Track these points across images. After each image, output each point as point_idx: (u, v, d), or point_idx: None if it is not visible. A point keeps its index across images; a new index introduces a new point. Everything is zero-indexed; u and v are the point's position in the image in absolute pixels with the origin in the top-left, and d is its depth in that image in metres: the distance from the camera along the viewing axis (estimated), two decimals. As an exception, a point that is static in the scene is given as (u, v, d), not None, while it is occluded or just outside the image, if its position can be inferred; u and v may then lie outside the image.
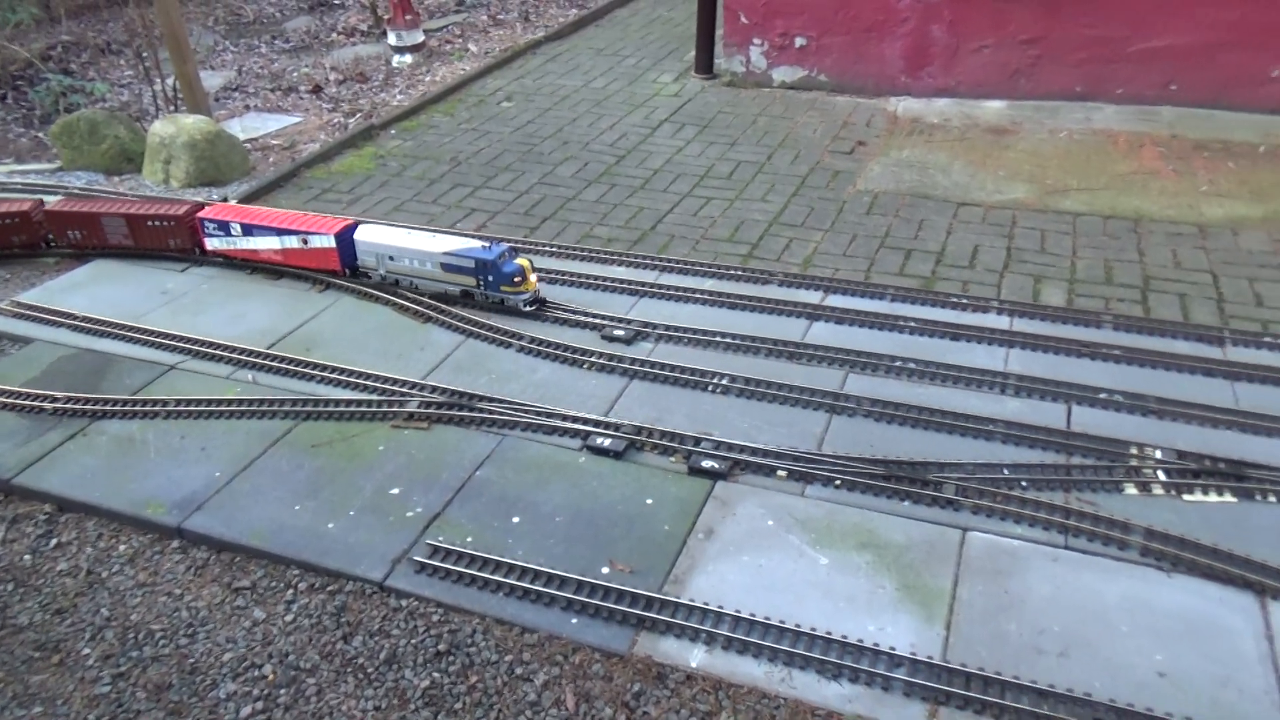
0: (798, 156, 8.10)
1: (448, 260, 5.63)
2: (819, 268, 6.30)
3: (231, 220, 6.24)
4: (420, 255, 5.71)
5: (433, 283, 5.77)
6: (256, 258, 6.27)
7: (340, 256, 6.00)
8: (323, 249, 6.00)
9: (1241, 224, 6.60)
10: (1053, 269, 6.15)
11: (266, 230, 6.12)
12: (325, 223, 6.04)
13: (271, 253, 6.19)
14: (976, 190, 7.31)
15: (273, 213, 6.30)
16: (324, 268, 6.10)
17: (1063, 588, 3.59)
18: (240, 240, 6.24)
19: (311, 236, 5.99)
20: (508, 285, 5.55)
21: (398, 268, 5.83)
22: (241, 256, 6.34)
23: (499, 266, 5.53)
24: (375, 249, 5.87)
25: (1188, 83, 8.30)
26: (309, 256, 6.08)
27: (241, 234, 6.22)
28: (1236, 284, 5.87)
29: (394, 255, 5.81)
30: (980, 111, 8.73)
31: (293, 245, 6.08)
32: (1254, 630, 3.38)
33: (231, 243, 6.29)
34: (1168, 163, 7.55)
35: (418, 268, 5.75)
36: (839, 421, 4.59)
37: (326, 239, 5.95)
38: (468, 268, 5.59)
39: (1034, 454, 4.29)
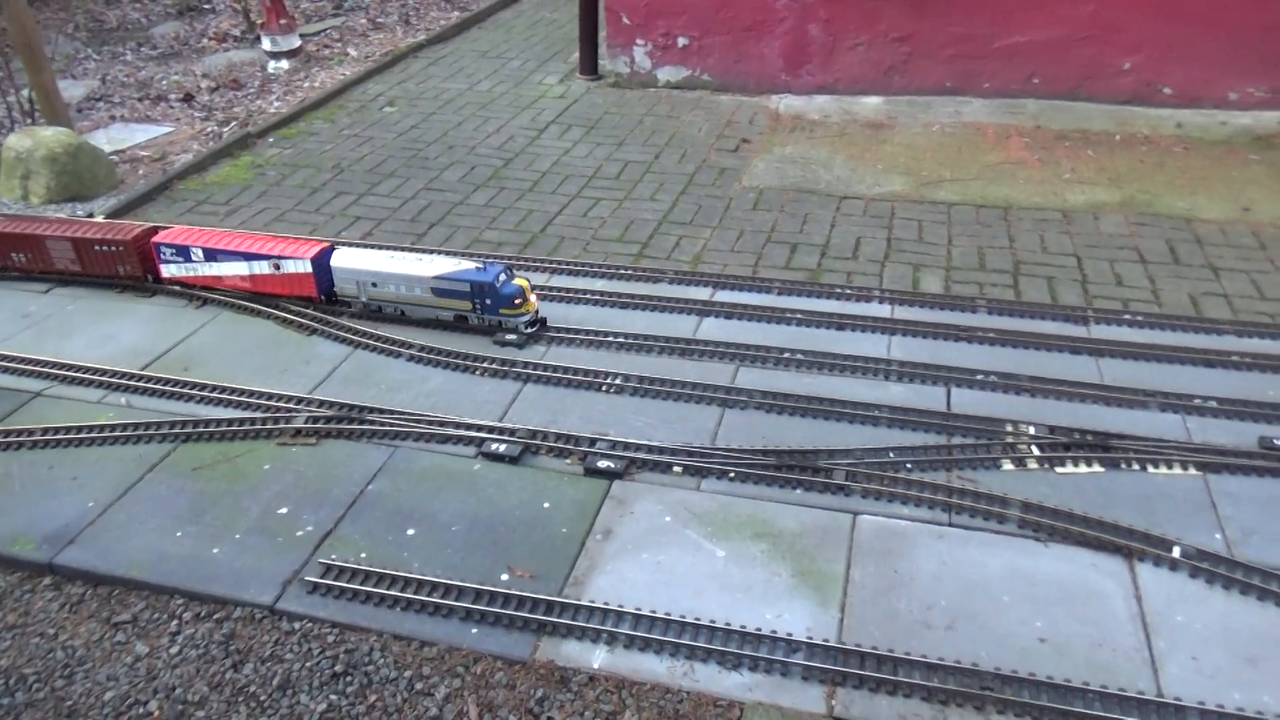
0: (684, 155, 8.19)
1: (440, 284, 5.27)
2: (708, 264, 6.38)
3: (193, 245, 5.77)
4: (408, 280, 5.34)
5: (422, 309, 5.41)
6: (220, 285, 5.85)
7: (316, 283, 5.60)
8: (297, 275, 5.59)
9: (1101, 209, 6.98)
10: (930, 257, 6.38)
11: (233, 256, 5.70)
12: (299, 246, 5.66)
13: (238, 279, 5.76)
14: (857, 184, 7.53)
15: (239, 236, 5.86)
16: (298, 294, 5.70)
17: (948, 563, 3.72)
18: (202, 267, 5.79)
19: (285, 261, 5.58)
20: (507, 308, 5.24)
21: (382, 294, 5.44)
22: (203, 284, 5.89)
23: (497, 288, 5.21)
24: (356, 275, 5.46)
25: (1048, 76, 8.73)
26: (281, 283, 5.67)
27: (204, 260, 5.76)
28: (1098, 265, 6.20)
29: (377, 281, 5.41)
30: (858, 107, 8.99)
31: (263, 271, 5.66)
32: (1124, 591, 3.57)
33: (191, 269, 5.84)
34: (1033, 152, 7.92)
35: (405, 294, 5.37)
36: (731, 415, 4.66)
37: (302, 264, 5.55)
38: (462, 291, 5.25)
39: (917, 436, 4.44)
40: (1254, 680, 3.20)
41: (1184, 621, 3.43)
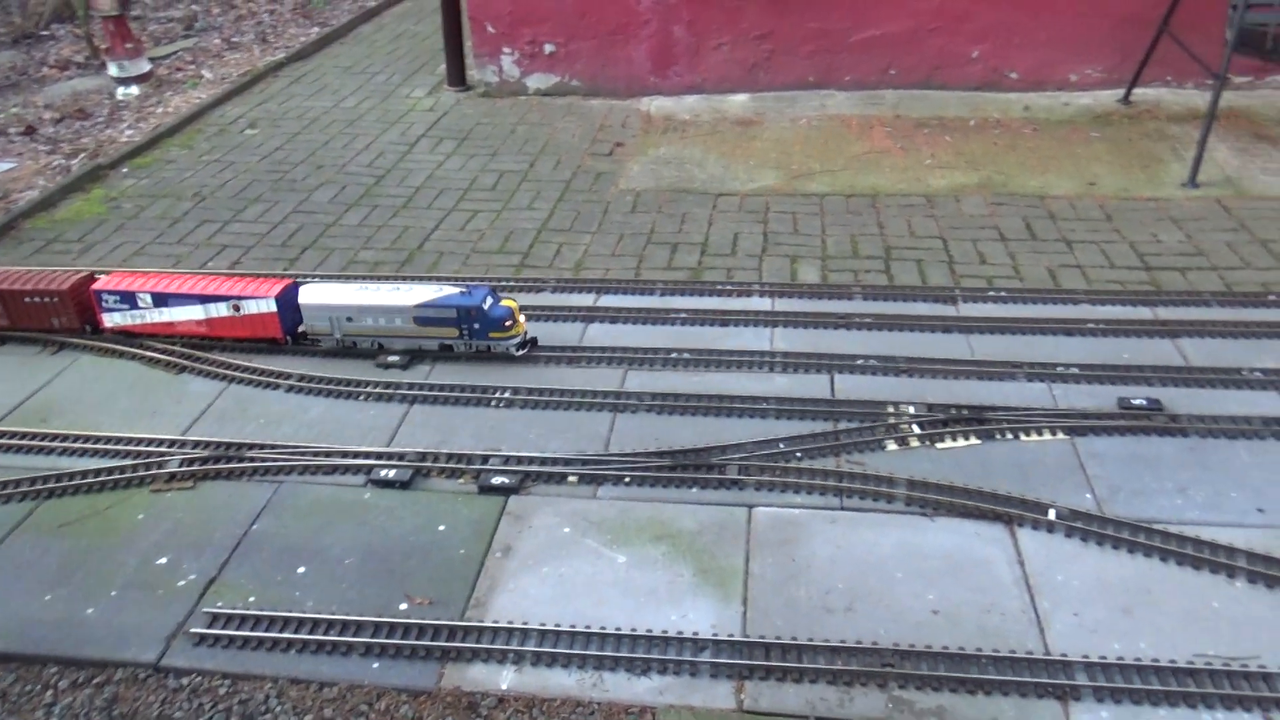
0: (559, 162, 8.17)
1: (423, 313, 5.05)
2: (591, 270, 6.38)
3: (139, 290, 5.36)
4: (388, 311, 5.08)
5: (404, 339, 5.16)
6: (172, 331, 5.44)
7: (282, 322, 5.28)
8: (260, 315, 5.26)
9: (961, 191, 7.28)
10: (806, 248, 6.53)
11: (186, 299, 5.32)
12: (260, 284, 5.34)
13: (193, 325, 5.38)
14: (731, 180, 7.66)
15: (191, 277, 5.50)
16: (261, 336, 5.35)
17: (843, 547, 3.82)
18: (151, 313, 5.40)
19: (246, 302, 5.24)
20: (497, 331, 5.05)
21: (358, 328, 5.17)
22: (152, 332, 5.47)
23: (485, 312, 5.01)
24: (328, 310, 5.17)
25: (904, 67, 9.06)
26: (242, 325, 5.32)
27: (153, 305, 5.36)
28: (963, 246, 6.46)
29: (353, 315, 5.14)
30: (727, 105, 9.14)
31: (221, 314, 5.30)
32: (1007, 557, 3.73)
33: (139, 317, 5.43)
34: (895, 141, 8.21)
35: (385, 325, 5.13)
36: (623, 419, 4.66)
37: (265, 303, 5.23)
38: (448, 318, 5.04)
39: (805, 425, 4.53)
40: (1130, 629, 3.39)
41: (1064, 580, 3.60)
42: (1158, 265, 6.10)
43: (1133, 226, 6.61)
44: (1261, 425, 4.36)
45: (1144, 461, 4.21)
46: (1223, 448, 4.27)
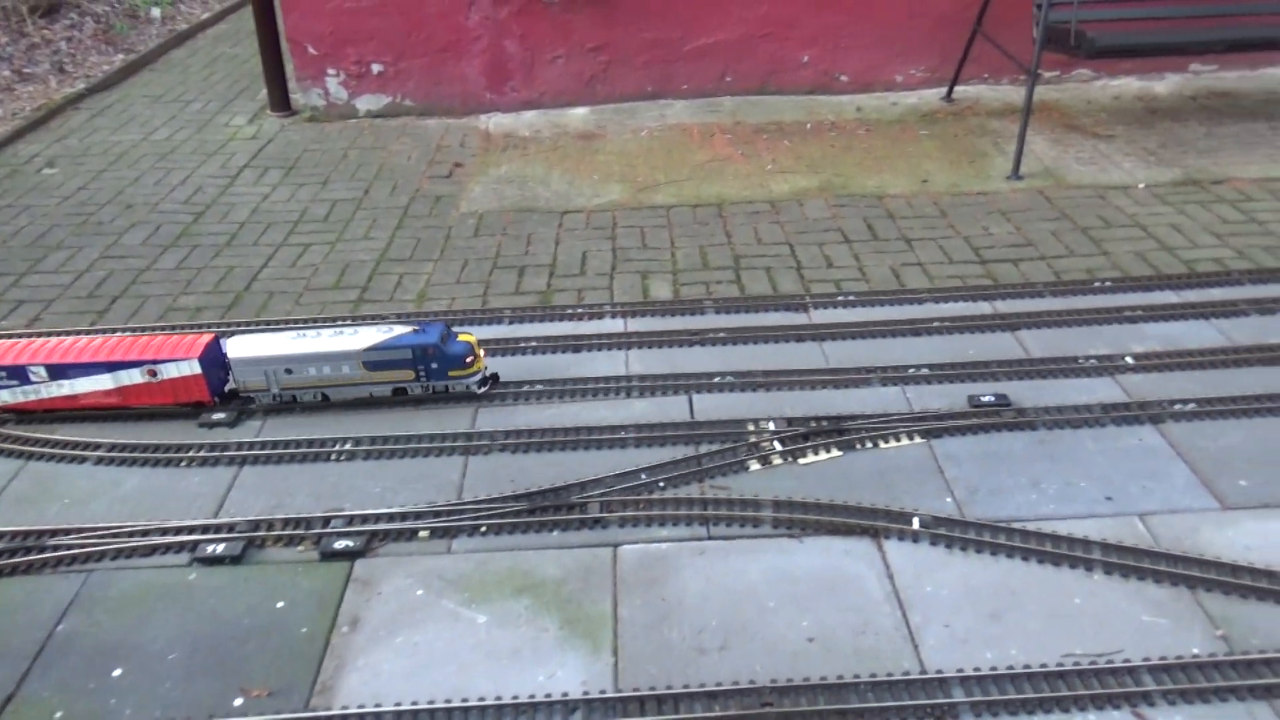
0: (396, 187, 7.80)
1: (374, 356, 4.64)
2: (435, 300, 6.07)
3: (30, 362, 4.66)
4: (334, 358, 4.64)
5: (351, 388, 4.75)
6: (75, 405, 4.79)
7: (209, 382, 4.73)
8: (183, 378, 4.69)
9: (804, 195, 7.35)
10: (656, 263, 6.42)
11: (91, 368, 4.67)
12: (176, 343, 4.75)
13: (100, 395, 4.74)
14: (576, 197, 7.48)
15: (90, 343, 4.80)
16: (185, 401, 4.77)
17: (713, 579, 3.68)
18: (47, 388, 4.71)
19: (164, 365, 4.65)
20: (457, 369, 4.71)
21: (299, 380, 4.69)
22: (49, 408, 4.81)
23: (444, 350, 4.65)
24: (263, 364, 4.65)
25: (739, 73, 9.12)
26: (162, 391, 4.73)
27: (49, 378, 4.69)
28: (809, 250, 6.49)
29: (293, 366, 4.67)
30: (567, 119, 8.97)
31: (135, 381, 4.69)
32: (876, 572, 3.68)
33: (32, 393, 4.72)
34: (736, 148, 8.23)
35: (330, 374, 4.68)
36: (475, 462, 4.40)
37: (187, 365, 4.65)
38: (402, 360, 4.66)
39: (666, 452, 4.39)
40: (1000, 636, 3.38)
41: (932, 591, 3.57)
42: (992, 258, 6.29)
43: (966, 221, 6.80)
44: (1101, 412, 4.50)
45: (997, 459, 4.26)
46: (1068, 438, 4.37)
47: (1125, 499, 3.99)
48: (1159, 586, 3.55)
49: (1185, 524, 3.84)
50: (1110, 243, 6.39)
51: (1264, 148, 7.73)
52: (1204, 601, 3.49)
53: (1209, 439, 4.33)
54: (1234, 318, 5.28)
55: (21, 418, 4.83)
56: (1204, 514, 3.89)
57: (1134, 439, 4.36)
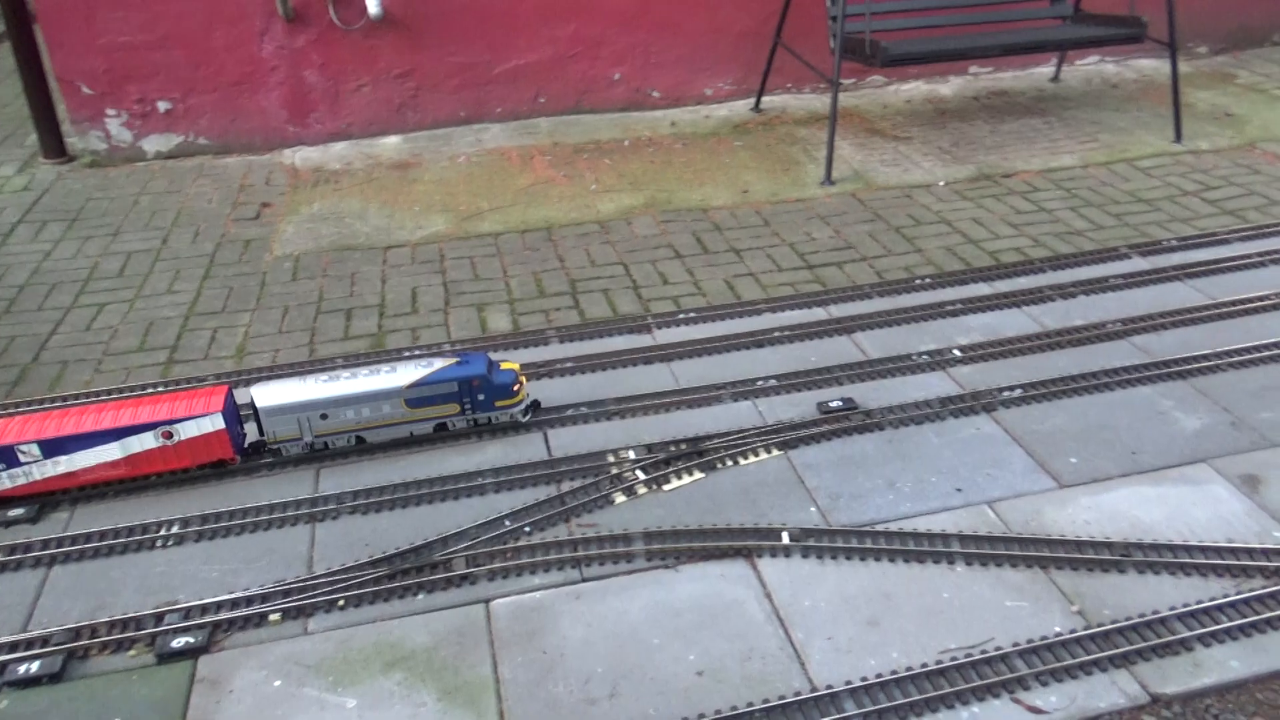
0: (199, 233, 7.23)
1: (417, 393, 4.40)
2: (256, 354, 5.64)
3: (18, 441, 4.10)
4: (375, 398, 4.36)
5: (393, 428, 4.49)
6: (74, 483, 4.25)
7: (233, 439, 4.32)
8: (204, 437, 4.26)
9: (630, 213, 7.35)
10: (491, 294, 6.24)
11: (94, 438, 4.15)
12: (188, 401, 4.30)
13: (106, 469, 4.23)
14: (398, 230, 7.18)
15: (82, 413, 4.25)
16: (202, 463, 4.36)
17: (593, 624, 3.56)
18: (40, 467, 4.17)
19: (181, 425, 4.20)
20: (504, 399, 4.53)
21: (335, 425, 4.40)
22: (46, 490, 4.24)
23: (491, 380, 4.47)
24: (297, 411, 4.32)
25: (552, 94, 9.05)
26: (178, 454, 4.28)
27: (42, 456, 4.14)
28: (644, 269, 6.49)
29: (328, 411, 4.34)
30: (379, 149, 8.62)
31: (148, 446, 4.22)
32: (755, 593, 3.67)
33: (22, 475, 4.18)
34: (558, 169, 8.15)
35: (370, 416, 4.40)
36: (324, 529, 4.09)
37: (210, 420, 4.23)
38: (449, 393, 4.44)
39: (528, 494, 4.23)
40: (880, 641, 3.43)
41: (810, 605, 3.60)
42: (818, 263, 6.49)
43: (788, 228, 7.00)
44: (940, 405, 4.70)
45: (853, 463, 4.36)
46: (914, 435, 4.54)
47: (973, 489, 4.17)
48: (1016, 570, 3.72)
49: (1030, 506, 4.06)
50: (922, 240, 6.74)
51: (1043, 141, 8.39)
52: (1057, 580, 3.68)
53: (1037, 422, 4.60)
54: (1041, 304, 5.66)
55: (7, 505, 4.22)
56: (1044, 494, 4.13)
57: (972, 429, 4.58)
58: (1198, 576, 3.66)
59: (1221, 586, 3.62)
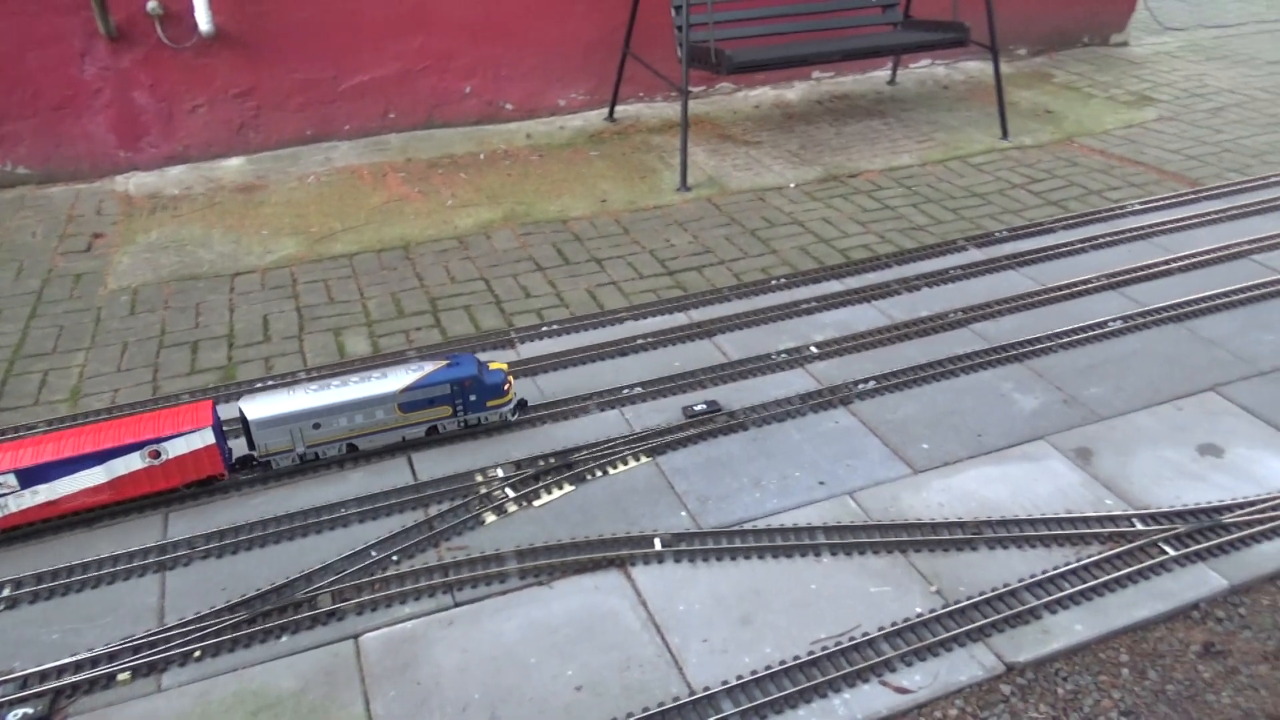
0: (22, 269, 6.74)
1: (411, 396, 4.40)
2: (94, 396, 5.29)
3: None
4: (368, 404, 4.34)
5: (385, 434, 4.46)
6: (55, 513, 4.06)
7: (223, 453, 4.23)
8: (193, 454, 4.15)
9: (489, 227, 7.28)
10: (348, 317, 6.05)
11: (77, 463, 3.96)
12: (172, 419, 4.16)
13: (88, 494, 4.05)
14: (245, 256, 6.88)
15: (63, 437, 4.07)
16: (190, 481, 4.23)
17: (468, 649, 3.49)
18: (17, 498, 3.96)
19: (169, 443, 4.08)
20: (495, 398, 4.58)
21: (327, 434, 4.35)
22: (24, 522, 4.03)
23: (483, 381, 4.51)
24: (289, 422, 4.26)
25: (402, 109, 8.87)
26: (165, 474, 4.14)
27: (20, 487, 3.93)
28: (505, 283, 6.43)
29: (321, 420, 4.29)
30: (221, 172, 8.24)
31: (134, 468, 4.07)
32: (629, 602, 3.68)
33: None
34: (412, 186, 7.99)
35: (363, 422, 4.38)
36: (176, 577, 3.86)
37: (199, 436, 4.12)
38: (441, 396, 4.46)
39: (394, 521, 4.12)
40: (754, 638, 3.50)
41: (685, 609, 3.64)
42: (678, 268, 6.59)
43: (648, 235, 7.08)
44: (800, 402, 4.84)
45: (720, 464, 4.44)
46: (777, 432, 4.65)
47: (835, 480, 4.31)
48: (878, 557, 3.87)
49: (888, 493, 4.23)
50: (776, 241, 6.93)
51: (884, 141, 8.78)
52: (916, 562, 3.85)
53: (891, 411, 4.80)
54: (889, 298, 5.92)
55: None
56: (901, 481, 4.31)
57: (831, 422, 4.74)
58: (1042, 548, 3.89)
59: (1064, 555, 3.86)
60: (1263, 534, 3.93)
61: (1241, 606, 3.70)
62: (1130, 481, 4.26)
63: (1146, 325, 5.48)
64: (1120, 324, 5.46)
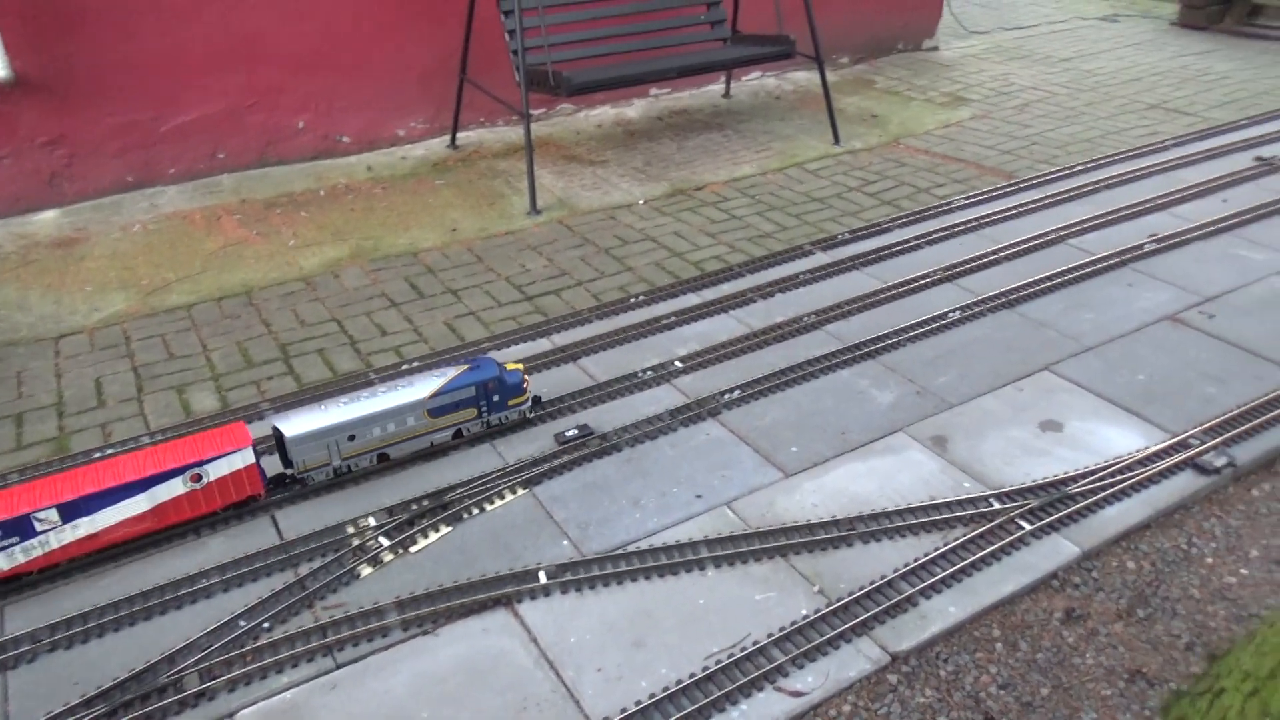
0: None
1: (440, 401, 4.55)
2: (-97, 485, 4.79)
3: (35, 510, 3.78)
4: (399, 413, 4.46)
5: (415, 441, 4.59)
6: (95, 547, 3.99)
7: (261, 473, 4.24)
8: (234, 474, 4.16)
9: (336, 266, 7.04)
10: (191, 373, 5.72)
11: (118, 493, 3.91)
12: (211, 442, 4.16)
13: (130, 525, 4.01)
14: (70, 316, 6.40)
15: (99, 469, 3.99)
16: (230, 503, 4.23)
17: (354, 712, 3.34)
18: (59, 534, 3.88)
19: (211, 465, 4.08)
20: (515, 397, 4.77)
21: (362, 445, 4.45)
22: (57, 562, 3.96)
23: (504, 380, 4.69)
24: (327, 435, 4.34)
25: (233, 149, 8.48)
26: (207, 498, 4.14)
27: (61, 522, 3.85)
28: (358, 322, 6.23)
29: (356, 432, 4.38)
30: (34, 227, 7.65)
31: (175, 493, 4.06)
32: (519, 640, 3.61)
33: (38, 547, 3.87)
34: (250, 228, 7.64)
35: (395, 430, 4.50)
36: (20, 677, 3.53)
37: (240, 456, 4.15)
38: (467, 399, 4.62)
39: (262, 586, 3.90)
40: (648, 661, 3.50)
41: (576, 640, 3.60)
42: (536, 293, 6.55)
43: (502, 262, 7.01)
44: (670, 417, 4.88)
45: (597, 489, 4.42)
46: (650, 450, 4.68)
47: (712, 493, 4.37)
48: (760, 564, 3.94)
49: (764, 499, 4.32)
50: (631, 258, 6.99)
51: (724, 154, 9.02)
52: (797, 564, 3.94)
53: (758, 418, 4.91)
54: (745, 306, 6.06)
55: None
56: (774, 486, 4.41)
57: (702, 435, 4.80)
58: (911, 536, 4.06)
59: (932, 541, 4.04)
60: (1105, 500, 4.22)
61: (1094, 570, 3.96)
62: (984, 464, 4.50)
63: (983, 313, 5.82)
64: (959, 314, 5.77)
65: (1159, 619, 3.76)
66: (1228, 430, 4.66)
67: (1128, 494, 4.27)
